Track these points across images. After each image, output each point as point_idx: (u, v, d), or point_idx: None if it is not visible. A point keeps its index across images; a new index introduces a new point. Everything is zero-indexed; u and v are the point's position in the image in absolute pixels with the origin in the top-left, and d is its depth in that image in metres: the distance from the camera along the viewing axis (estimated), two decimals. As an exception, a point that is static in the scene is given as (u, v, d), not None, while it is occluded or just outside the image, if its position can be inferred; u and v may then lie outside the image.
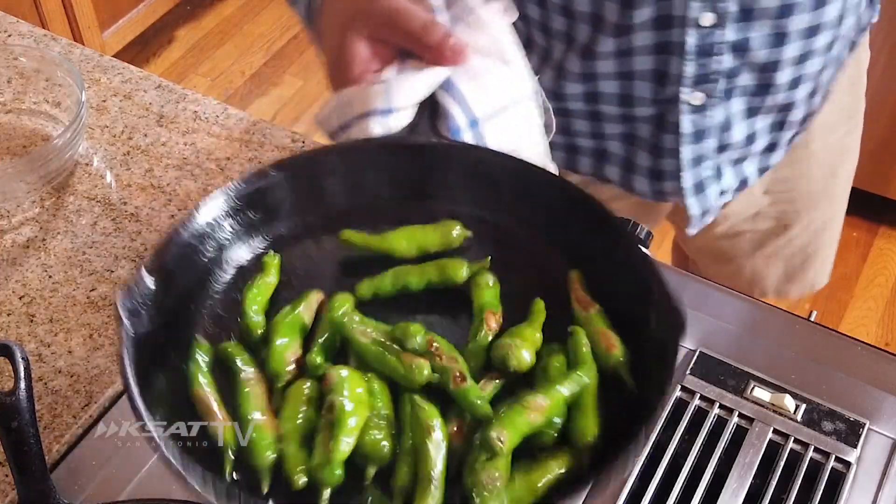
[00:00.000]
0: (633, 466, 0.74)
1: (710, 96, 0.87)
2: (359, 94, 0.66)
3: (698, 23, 0.81)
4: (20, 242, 0.92)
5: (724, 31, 0.82)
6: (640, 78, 0.87)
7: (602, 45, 0.85)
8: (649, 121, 0.91)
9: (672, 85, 0.87)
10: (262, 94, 2.53)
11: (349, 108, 0.66)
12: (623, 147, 0.96)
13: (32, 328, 0.85)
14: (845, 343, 0.83)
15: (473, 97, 0.67)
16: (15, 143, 1.01)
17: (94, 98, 1.05)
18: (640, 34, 0.83)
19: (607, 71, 0.88)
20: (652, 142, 0.93)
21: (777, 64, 0.86)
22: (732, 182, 0.98)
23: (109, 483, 0.75)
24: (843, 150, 1.10)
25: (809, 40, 0.85)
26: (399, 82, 0.65)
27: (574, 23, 0.85)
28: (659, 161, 0.95)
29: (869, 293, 2.04)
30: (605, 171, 0.99)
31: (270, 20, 2.73)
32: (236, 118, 1.03)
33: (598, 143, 0.96)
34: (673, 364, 0.57)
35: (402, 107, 0.65)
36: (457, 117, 0.67)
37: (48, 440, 0.77)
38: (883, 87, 1.84)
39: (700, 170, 0.94)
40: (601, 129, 0.94)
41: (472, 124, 0.67)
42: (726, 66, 0.85)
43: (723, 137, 0.92)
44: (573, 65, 0.88)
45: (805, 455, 0.75)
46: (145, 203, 0.95)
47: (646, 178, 0.97)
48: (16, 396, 0.70)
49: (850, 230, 2.09)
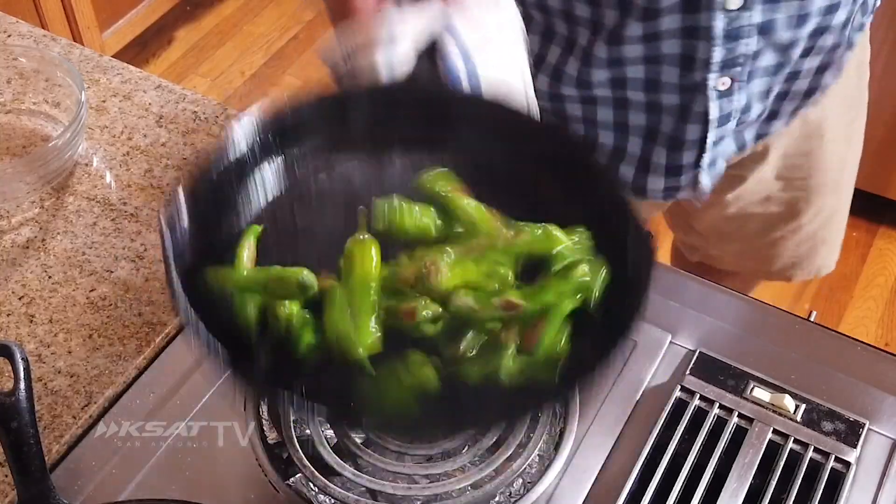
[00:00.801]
0: (633, 466, 0.74)
1: (735, 80, 0.88)
2: (361, 24, 0.69)
3: (725, 6, 0.81)
4: (20, 243, 0.92)
5: (751, 13, 0.83)
6: (668, 62, 0.87)
7: (629, 30, 0.85)
8: (673, 111, 0.92)
9: (699, 70, 0.87)
10: (261, 95, 2.53)
11: (352, 38, 0.69)
12: (642, 145, 0.96)
13: (32, 328, 0.85)
14: (845, 343, 0.83)
15: (468, 34, 0.70)
16: (14, 144, 1.01)
17: (93, 98, 1.05)
18: (667, 17, 0.83)
19: (635, 55, 0.88)
20: (672, 135, 0.94)
21: (796, 42, 0.87)
22: (731, 147, 0.99)
23: (109, 483, 0.75)
24: (850, 138, 1.11)
25: (827, 17, 0.86)
26: (399, 12, 0.69)
27: (600, 9, 0.85)
28: (678, 154, 0.95)
29: (869, 293, 2.04)
30: (620, 171, 0.99)
31: (270, 20, 2.73)
32: (236, 118, 1.03)
33: (620, 137, 0.97)
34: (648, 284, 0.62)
35: (402, 35, 0.68)
36: (453, 55, 0.70)
37: (48, 440, 0.77)
38: (883, 87, 1.84)
39: (717, 149, 0.95)
40: (626, 118, 0.94)
41: (466, 61, 0.70)
42: (752, 48, 0.86)
43: (742, 118, 0.93)
44: (600, 51, 0.88)
45: (805, 455, 0.75)
46: (145, 203, 0.95)
47: (661, 177, 0.98)
48: (15, 397, 0.70)
49: (850, 230, 2.08)
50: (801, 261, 1.23)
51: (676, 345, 0.82)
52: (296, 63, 2.61)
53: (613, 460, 0.75)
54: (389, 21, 0.69)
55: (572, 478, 0.74)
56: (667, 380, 0.80)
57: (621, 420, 0.77)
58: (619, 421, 0.77)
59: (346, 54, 0.70)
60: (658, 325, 0.83)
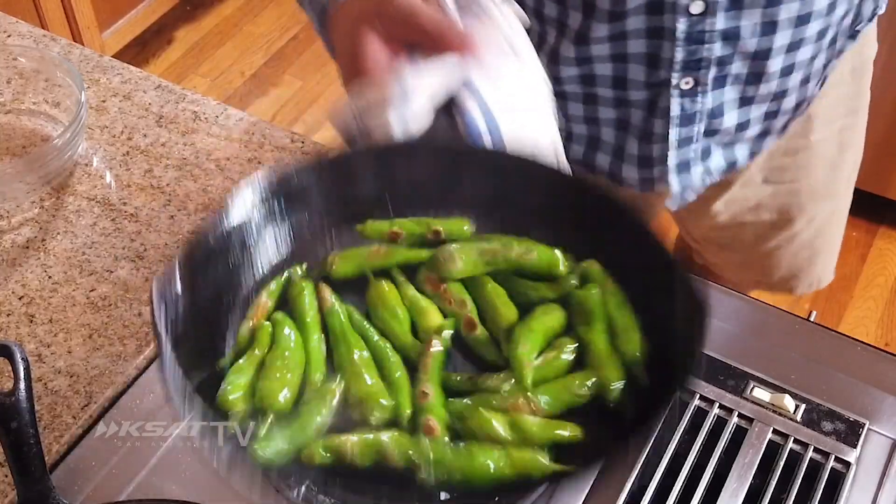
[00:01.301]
0: (632, 465, 0.74)
1: (699, 82, 0.88)
2: (373, 83, 0.67)
3: (688, 10, 0.82)
4: (20, 243, 0.92)
5: (714, 19, 0.83)
6: (634, 61, 0.88)
7: (595, 31, 0.86)
8: (642, 105, 0.93)
9: (663, 69, 0.88)
10: (261, 95, 2.53)
11: (364, 97, 0.67)
12: (615, 134, 0.97)
13: (32, 328, 0.85)
14: (845, 343, 0.83)
15: (488, 90, 0.68)
16: (14, 144, 1.01)
17: (93, 98, 1.05)
18: (632, 19, 0.84)
19: (601, 54, 0.88)
20: (643, 127, 0.95)
21: (768, 52, 0.87)
22: (721, 163, 1.00)
23: (109, 483, 0.75)
24: (844, 144, 1.10)
25: (799, 28, 0.86)
26: (414, 68, 0.66)
27: (566, 10, 0.86)
28: (648, 147, 0.96)
29: (869, 293, 2.04)
30: (596, 159, 1.00)
31: (270, 20, 2.73)
32: (236, 118, 1.03)
33: (592, 128, 0.98)
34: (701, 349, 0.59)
35: (416, 91, 0.66)
36: (472, 111, 0.67)
37: (48, 440, 0.77)
38: (882, 86, 1.84)
39: (686, 151, 0.96)
40: (595, 112, 0.96)
41: (487, 118, 0.68)
42: (716, 53, 0.86)
43: (712, 123, 0.94)
44: (567, 50, 0.89)
45: (805, 455, 0.75)
46: (145, 203, 0.95)
47: (634, 166, 0.98)
48: (15, 397, 0.70)
49: (850, 230, 2.09)
50: (799, 271, 1.22)
51: (676, 345, 0.82)
52: (295, 63, 2.61)
53: (613, 460, 0.75)
54: (402, 77, 0.66)
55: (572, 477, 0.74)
56: (667, 380, 0.80)
57: (621, 420, 0.77)
58: (619, 421, 0.77)
59: (358, 114, 0.67)
60: (658, 325, 0.83)
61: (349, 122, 0.68)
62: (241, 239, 0.67)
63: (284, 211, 0.69)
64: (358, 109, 0.67)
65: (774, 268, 1.22)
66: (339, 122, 0.69)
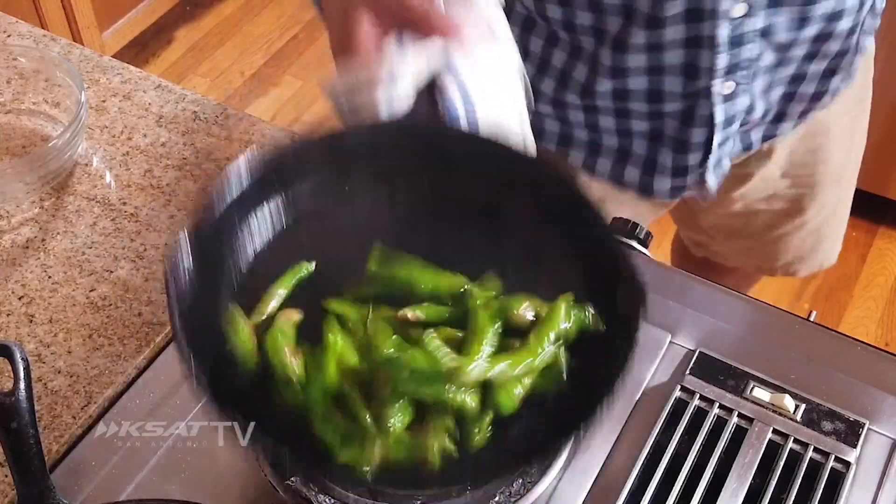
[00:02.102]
0: (632, 466, 0.74)
1: (738, 84, 0.88)
2: (363, 62, 0.69)
3: (729, 14, 0.82)
4: (19, 243, 0.92)
5: (755, 19, 0.83)
6: (671, 73, 0.87)
7: (634, 38, 0.85)
8: (676, 116, 0.92)
9: (703, 78, 0.87)
10: (261, 95, 2.52)
11: (354, 76, 0.69)
12: (647, 146, 0.96)
13: (32, 328, 0.85)
14: (845, 343, 0.83)
15: (468, 74, 0.70)
16: (14, 144, 1.01)
17: (93, 98, 1.05)
18: (671, 28, 0.83)
19: (638, 66, 0.88)
20: (677, 137, 0.94)
21: (794, 42, 0.88)
22: (737, 147, 0.99)
23: (109, 483, 0.75)
24: (854, 132, 1.12)
25: (830, 24, 0.87)
26: (400, 50, 0.69)
27: (603, 15, 0.85)
28: (684, 157, 0.95)
29: (868, 293, 2.04)
30: (625, 173, 0.99)
31: (270, 20, 2.73)
32: (235, 118, 1.03)
33: (623, 140, 0.97)
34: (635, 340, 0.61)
35: (403, 73, 0.68)
36: (453, 94, 0.69)
37: (48, 440, 0.77)
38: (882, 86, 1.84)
39: (723, 150, 0.96)
40: (628, 125, 0.95)
41: (465, 101, 0.70)
42: (756, 52, 0.86)
43: (747, 118, 0.94)
44: (605, 57, 0.88)
45: (805, 455, 0.75)
46: (145, 203, 0.95)
47: (668, 177, 0.97)
48: (15, 397, 0.70)
49: (850, 230, 2.07)
50: (804, 256, 1.23)
51: (676, 344, 0.82)
52: (295, 63, 2.61)
53: (613, 460, 0.75)
54: (390, 59, 0.68)
55: (572, 478, 0.74)
56: (667, 380, 0.80)
57: (621, 420, 0.77)
58: (619, 421, 0.77)
59: (348, 90, 0.70)
60: (658, 325, 0.83)
61: (339, 96, 0.71)
62: (243, 212, 0.69)
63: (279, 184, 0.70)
64: (347, 86, 0.69)
65: (780, 253, 1.22)
66: (331, 94, 0.71)
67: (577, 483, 0.74)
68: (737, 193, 1.10)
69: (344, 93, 0.70)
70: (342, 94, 0.70)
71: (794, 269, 1.26)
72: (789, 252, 1.22)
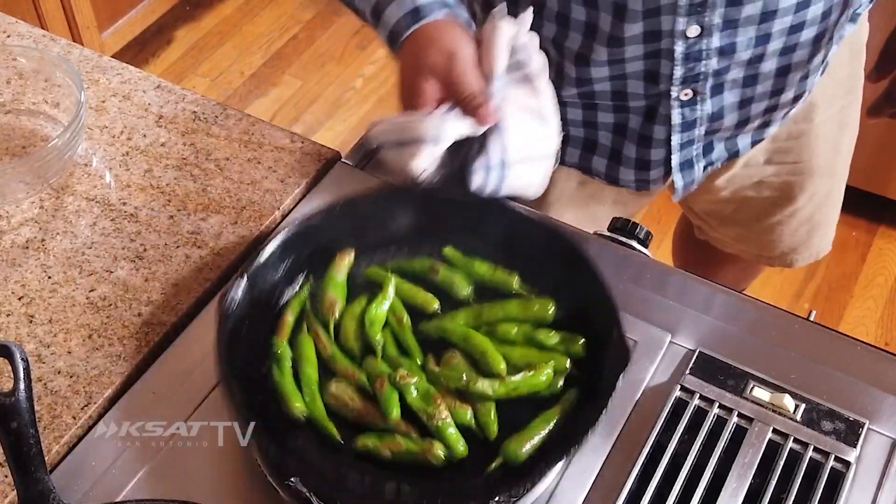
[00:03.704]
0: (632, 466, 0.74)
1: (697, 92, 0.91)
2: (419, 121, 0.81)
3: (685, 34, 0.85)
4: (19, 243, 0.92)
5: (710, 39, 0.86)
6: (633, 77, 0.91)
7: (596, 54, 0.89)
8: (640, 112, 0.95)
9: (663, 83, 0.90)
10: (261, 95, 2.52)
11: (407, 130, 0.81)
12: (612, 138, 1.00)
13: (32, 329, 0.85)
14: (845, 343, 0.83)
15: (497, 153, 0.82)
16: (14, 144, 1.01)
17: (93, 98, 1.05)
18: (630, 46, 0.87)
19: (601, 76, 0.92)
20: (641, 133, 0.97)
21: (762, 57, 0.89)
22: (723, 154, 1.02)
23: (109, 483, 0.75)
24: (843, 123, 1.12)
25: (793, 36, 0.88)
26: (446, 115, 0.80)
27: (566, 30, 0.89)
28: (647, 151, 0.99)
29: (868, 293, 2.04)
30: (593, 162, 1.03)
31: (269, 20, 2.73)
32: (235, 118, 1.03)
33: (589, 132, 1.00)
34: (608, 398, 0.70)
35: (445, 139, 0.80)
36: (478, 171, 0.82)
37: (48, 441, 0.77)
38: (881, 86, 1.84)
39: (689, 151, 0.98)
40: (594, 117, 0.98)
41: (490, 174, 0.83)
42: (713, 67, 0.89)
43: (713, 125, 0.96)
44: (569, 70, 0.92)
45: (804, 455, 0.75)
46: (144, 203, 0.95)
47: (632, 169, 1.01)
48: (15, 397, 0.70)
49: (850, 230, 2.09)
50: (799, 245, 1.25)
51: (676, 344, 0.82)
52: (295, 63, 2.61)
53: (613, 460, 0.75)
54: (441, 123, 0.79)
55: (572, 478, 0.74)
56: (666, 379, 0.80)
57: (621, 420, 0.77)
58: (619, 421, 0.77)
59: (396, 134, 0.82)
60: (658, 325, 0.83)
61: (383, 139, 0.83)
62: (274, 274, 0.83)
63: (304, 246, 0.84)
64: (396, 131, 0.82)
65: (776, 242, 1.24)
66: (376, 140, 0.84)
67: (577, 482, 0.74)
68: (721, 180, 1.12)
69: (392, 134, 0.82)
70: (389, 135, 0.82)
71: (791, 259, 1.27)
72: (784, 242, 1.23)
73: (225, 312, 0.76)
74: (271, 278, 0.82)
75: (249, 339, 0.78)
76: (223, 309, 0.76)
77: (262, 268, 0.80)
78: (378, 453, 0.72)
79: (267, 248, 0.81)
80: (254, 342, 0.79)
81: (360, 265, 0.85)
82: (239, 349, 0.75)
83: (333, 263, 0.84)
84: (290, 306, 0.82)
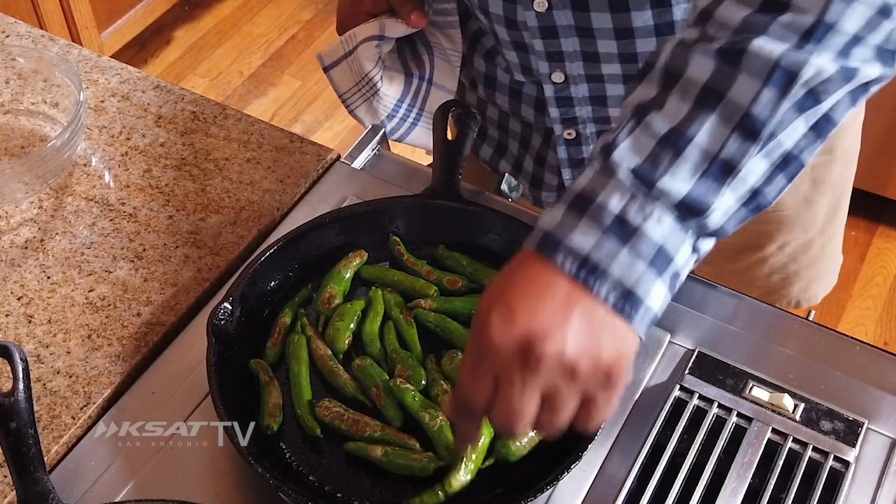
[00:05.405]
0: (632, 465, 0.74)
1: (580, 134, 0.94)
2: (362, 27, 0.93)
3: (552, 79, 0.89)
4: (18, 243, 0.91)
5: (577, 87, 0.89)
6: (526, 102, 0.95)
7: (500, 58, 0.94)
8: (540, 132, 0.99)
9: (547, 117, 0.94)
10: (260, 95, 2.52)
11: (353, 38, 0.94)
12: (518, 148, 1.03)
13: (31, 329, 0.85)
14: (844, 342, 0.83)
15: None
16: (13, 144, 1.01)
17: (92, 98, 1.05)
18: (514, 72, 0.91)
19: (503, 92, 0.96)
20: (539, 152, 1.00)
21: None
22: None
23: (108, 483, 0.75)
24: (817, 180, 1.07)
25: None
26: (389, 22, 0.92)
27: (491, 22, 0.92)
28: (541, 170, 1.02)
29: (867, 292, 2.04)
30: (500, 165, 1.07)
31: (268, 20, 2.72)
32: (234, 118, 1.03)
33: (502, 135, 1.04)
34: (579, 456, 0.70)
35: (390, 37, 0.92)
36: None
37: (47, 441, 0.77)
38: (881, 86, 1.84)
39: None
40: (506, 121, 1.02)
41: None
42: (589, 114, 0.91)
43: None
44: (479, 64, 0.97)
45: (804, 454, 0.75)
46: (144, 203, 0.95)
47: (528, 182, 1.04)
48: (14, 397, 0.70)
49: (849, 230, 2.08)
50: (775, 292, 1.18)
51: (675, 344, 0.82)
52: (294, 63, 2.61)
53: (612, 459, 0.75)
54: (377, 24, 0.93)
55: (572, 477, 0.74)
56: (666, 379, 0.80)
57: (620, 419, 0.77)
58: (618, 420, 0.77)
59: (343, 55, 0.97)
60: (657, 325, 0.83)
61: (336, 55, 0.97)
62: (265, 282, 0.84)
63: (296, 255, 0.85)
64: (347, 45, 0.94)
65: (749, 284, 1.17)
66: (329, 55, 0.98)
67: (577, 482, 0.74)
68: None
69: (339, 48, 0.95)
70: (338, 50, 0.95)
71: (770, 300, 1.23)
72: (758, 285, 1.17)
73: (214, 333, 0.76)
74: (262, 290, 0.83)
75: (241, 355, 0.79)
76: (212, 330, 0.76)
77: (250, 286, 0.81)
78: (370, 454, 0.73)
79: (255, 265, 0.81)
80: (247, 353, 0.80)
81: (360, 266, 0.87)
82: (228, 372, 0.76)
83: (345, 259, 0.85)
84: (286, 309, 0.83)
